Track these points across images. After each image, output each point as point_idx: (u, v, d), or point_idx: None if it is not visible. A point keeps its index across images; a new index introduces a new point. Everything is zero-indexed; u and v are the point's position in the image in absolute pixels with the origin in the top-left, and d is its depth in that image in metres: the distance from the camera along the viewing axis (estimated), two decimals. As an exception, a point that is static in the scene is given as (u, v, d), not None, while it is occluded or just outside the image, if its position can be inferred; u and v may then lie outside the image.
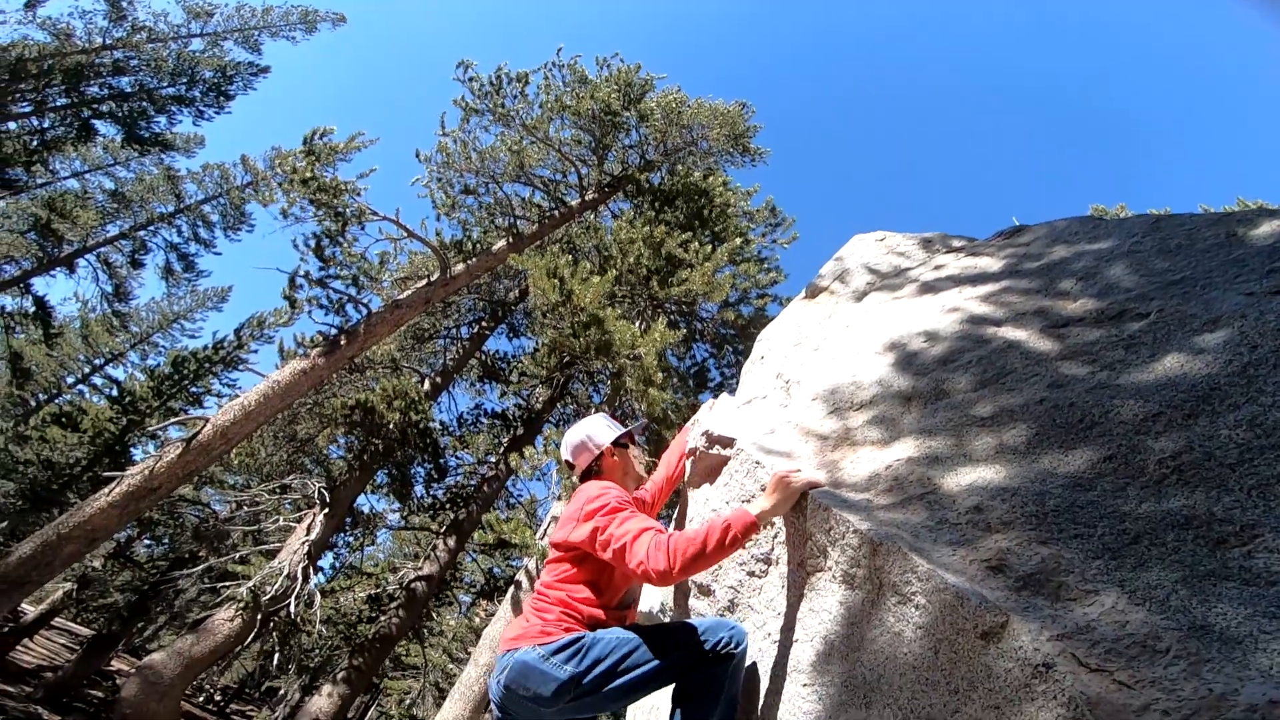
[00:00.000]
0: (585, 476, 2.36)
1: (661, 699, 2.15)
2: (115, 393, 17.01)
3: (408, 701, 19.63)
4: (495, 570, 12.27)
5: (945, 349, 2.01)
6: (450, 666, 19.26)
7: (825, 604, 1.55)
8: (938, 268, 2.88)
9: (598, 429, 2.41)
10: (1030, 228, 3.14)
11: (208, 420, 6.56)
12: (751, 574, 1.94)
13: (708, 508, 2.23)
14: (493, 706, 1.87)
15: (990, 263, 2.74)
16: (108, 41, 16.49)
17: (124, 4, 16.35)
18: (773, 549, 1.84)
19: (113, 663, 22.00)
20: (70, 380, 20.95)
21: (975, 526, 1.28)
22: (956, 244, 3.58)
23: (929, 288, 2.64)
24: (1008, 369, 1.78)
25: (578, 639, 1.73)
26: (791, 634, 1.68)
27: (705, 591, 2.24)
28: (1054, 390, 1.59)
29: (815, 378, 2.40)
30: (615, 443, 2.38)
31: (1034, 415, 1.52)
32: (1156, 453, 1.26)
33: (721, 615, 2.12)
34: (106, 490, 5.83)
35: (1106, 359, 1.68)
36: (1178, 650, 0.94)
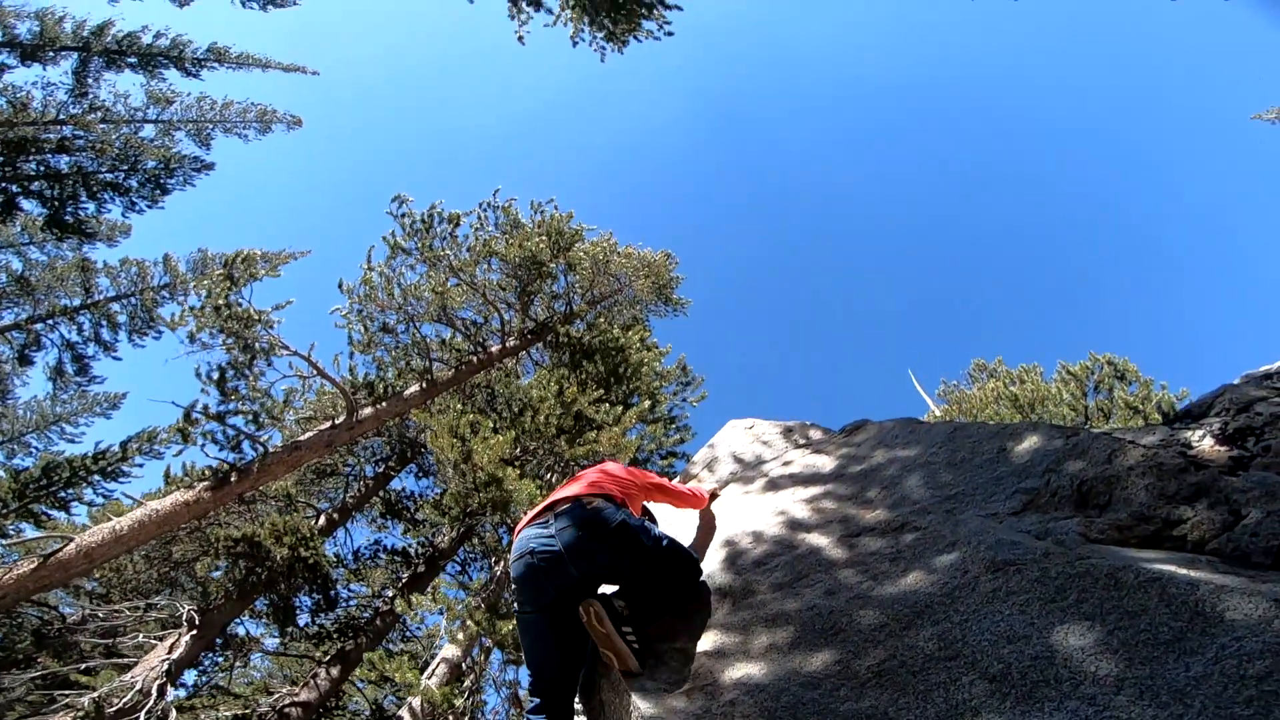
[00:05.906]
0: None
1: None
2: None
3: None
4: (385, 701, 11.23)
5: (763, 551, 2.41)
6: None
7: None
8: (786, 464, 3.37)
9: None
10: (867, 425, 3.71)
11: (71, 539, 6.09)
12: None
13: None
14: None
15: (826, 461, 3.24)
16: (61, 116, 16.53)
17: (90, 80, 16.54)
18: None
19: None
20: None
21: (728, 718, 1.58)
22: (814, 434, 4.14)
23: (773, 484, 3.10)
24: (803, 574, 2.18)
25: None
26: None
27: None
28: (826, 597, 1.98)
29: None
30: None
31: (802, 620, 1.89)
32: (870, 659, 1.64)
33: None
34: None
35: (875, 569, 2.10)
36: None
